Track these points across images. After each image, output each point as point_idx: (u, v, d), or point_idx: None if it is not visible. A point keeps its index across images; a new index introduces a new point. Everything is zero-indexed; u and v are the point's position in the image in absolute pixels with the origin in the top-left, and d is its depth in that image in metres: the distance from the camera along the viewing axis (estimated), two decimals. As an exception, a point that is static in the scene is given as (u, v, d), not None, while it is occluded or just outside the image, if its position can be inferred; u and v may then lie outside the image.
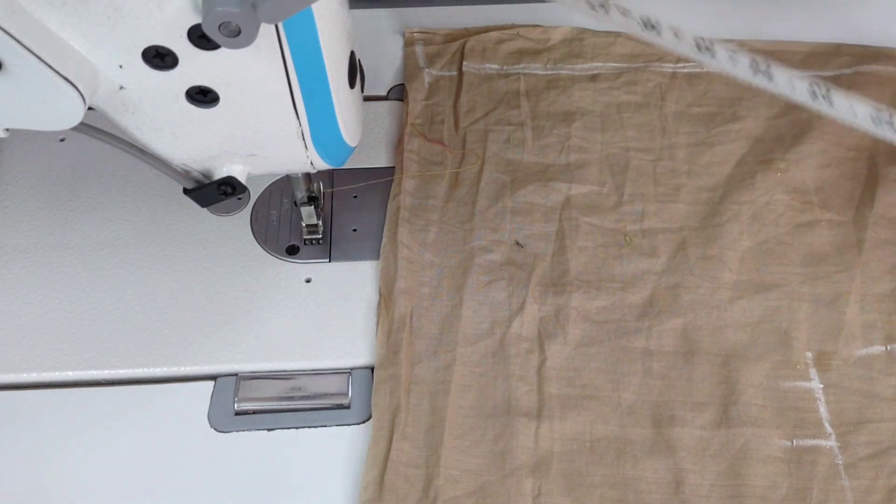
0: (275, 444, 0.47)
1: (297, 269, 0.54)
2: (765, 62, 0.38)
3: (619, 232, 0.55)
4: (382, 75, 0.64)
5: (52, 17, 0.33)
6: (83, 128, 0.37)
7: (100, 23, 0.34)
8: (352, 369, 0.49)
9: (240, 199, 0.44)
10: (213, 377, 0.49)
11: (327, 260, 0.54)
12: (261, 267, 0.54)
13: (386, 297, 0.51)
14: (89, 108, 0.35)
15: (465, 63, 0.63)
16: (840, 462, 0.45)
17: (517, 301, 0.51)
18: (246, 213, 0.56)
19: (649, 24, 0.39)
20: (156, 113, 0.38)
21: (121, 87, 0.37)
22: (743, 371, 0.48)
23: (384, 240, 0.54)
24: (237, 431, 0.47)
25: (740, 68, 0.38)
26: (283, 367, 0.49)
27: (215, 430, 0.47)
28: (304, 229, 0.55)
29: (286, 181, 0.57)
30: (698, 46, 0.38)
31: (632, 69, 0.63)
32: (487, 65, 0.64)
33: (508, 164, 0.58)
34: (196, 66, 0.36)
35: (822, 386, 0.48)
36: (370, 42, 0.64)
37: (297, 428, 0.47)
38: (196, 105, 0.38)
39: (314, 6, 0.35)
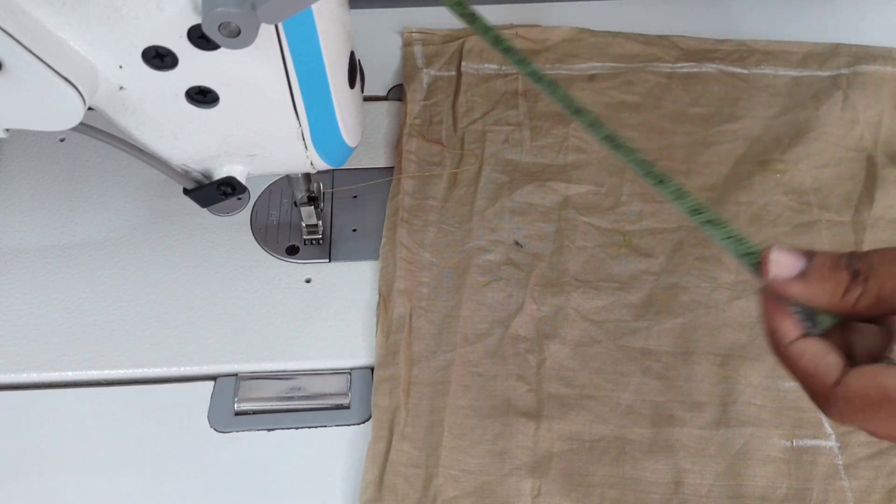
0: (275, 444, 0.47)
1: (297, 269, 0.54)
2: None
3: (617, 232, 0.55)
4: (382, 75, 0.64)
5: (52, 17, 0.33)
6: (83, 128, 0.37)
7: (99, 23, 0.34)
8: (352, 369, 0.49)
9: (240, 199, 0.44)
10: (213, 377, 0.49)
11: (327, 260, 0.54)
12: (261, 267, 0.54)
13: (385, 298, 0.51)
14: (89, 108, 0.35)
15: (463, 63, 0.63)
16: (840, 462, 0.45)
17: (516, 301, 0.51)
18: (246, 213, 0.56)
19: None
20: (156, 113, 0.38)
21: (121, 88, 0.37)
22: (742, 371, 0.48)
23: (383, 240, 0.54)
24: (237, 431, 0.47)
25: None
26: (283, 367, 0.49)
27: (215, 430, 0.47)
28: (304, 229, 0.55)
29: (286, 181, 0.57)
30: None
31: (630, 69, 0.63)
32: (486, 65, 0.64)
33: (507, 165, 0.58)
34: (196, 67, 0.36)
35: (821, 386, 0.48)
36: (370, 42, 0.64)
37: (297, 428, 0.47)
38: (196, 105, 0.38)
39: (314, 6, 0.35)
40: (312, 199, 0.53)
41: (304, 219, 0.54)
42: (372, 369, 0.49)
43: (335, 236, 0.55)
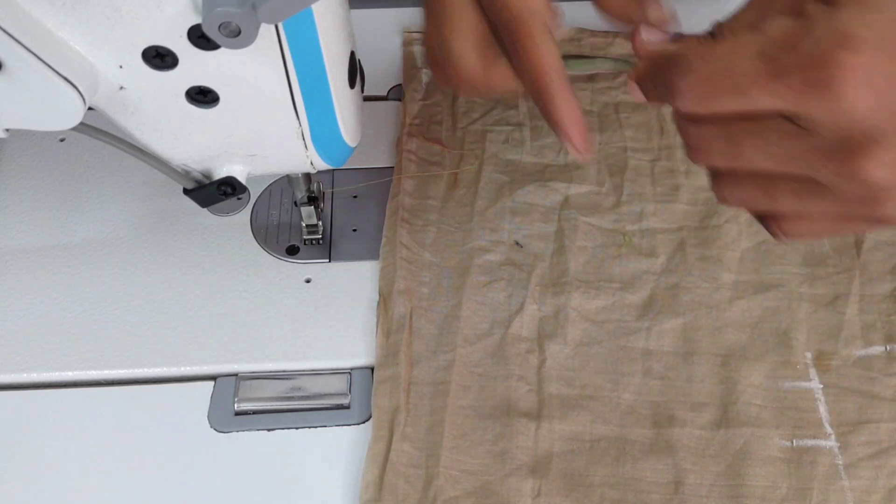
0: (275, 444, 0.47)
1: (297, 269, 0.54)
2: None
3: (617, 232, 0.55)
4: (382, 75, 0.64)
5: (52, 17, 0.33)
6: (83, 128, 0.37)
7: (99, 23, 0.34)
8: (352, 369, 0.49)
9: (240, 199, 0.44)
10: (213, 377, 0.49)
11: (327, 260, 0.54)
12: (261, 267, 0.54)
13: (385, 298, 0.51)
14: (89, 108, 0.35)
15: (464, 63, 0.63)
16: (840, 462, 0.45)
17: (517, 301, 0.51)
18: (246, 213, 0.56)
19: None
20: (156, 113, 0.38)
21: (121, 88, 0.37)
22: (742, 371, 0.48)
23: (383, 240, 0.54)
24: (237, 431, 0.47)
25: None
26: (283, 367, 0.49)
27: (215, 430, 0.47)
28: (304, 229, 0.55)
29: (286, 181, 0.57)
30: None
31: (630, 69, 0.63)
32: (487, 65, 0.64)
33: (507, 165, 0.58)
34: (196, 67, 0.36)
35: (821, 386, 0.48)
36: (370, 42, 0.64)
37: (297, 428, 0.47)
38: (196, 105, 0.38)
39: (314, 6, 0.35)
40: (312, 199, 0.53)
41: (304, 219, 0.54)
42: (372, 369, 0.49)
43: (335, 236, 0.55)
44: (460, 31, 0.39)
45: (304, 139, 0.41)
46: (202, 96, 0.37)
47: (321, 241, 0.55)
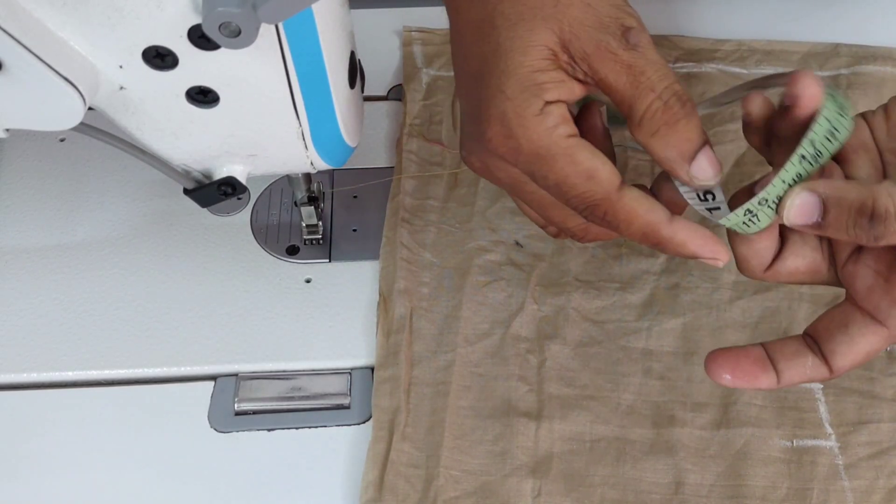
0: (275, 444, 0.47)
1: (297, 269, 0.54)
2: None
3: (618, 232, 0.55)
4: (382, 75, 0.64)
5: (52, 17, 0.33)
6: (83, 128, 0.37)
7: (100, 23, 0.34)
8: (352, 369, 0.49)
9: (240, 199, 0.44)
10: (213, 377, 0.49)
11: (327, 260, 0.54)
12: (261, 267, 0.54)
13: (386, 298, 0.51)
14: (89, 108, 0.35)
15: (464, 63, 0.63)
16: (840, 462, 0.45)
17: (517, 301, 0.51)
18: (246, 213, 0.56)
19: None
20: (156, 113, 0.38)
21: (121, 88, 0.37)
22: (742, 371, 0.48)
23: (383, 240, 0.54)
24: (237, 431, 0.47)
25: None
26: (283, 367, 0.49)
27: (215, 430, 0.47)
28: (304, 229, 0.55)
29: (286, 181, 0.57)
30: None
31: None
32: (487, 65, 0.64)
33: (508, 165, 0.58)
34: (196, 67, 0.36)
35: (821, 386, 0.48)
36: (370, 42, 0.64)
37: (297, 428, 0.47)
38: (196, 105, 0.38)
39: (314, 6, 0.35)
40: (312, 199, 0.53)
41: (304, 219, 0.54)
42: (372, 369, 0.49)
43: (335, 236, 0.55)
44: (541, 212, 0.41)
45: (304, 139, 0.41)
46: (202, 96, 0.37)
47: (321, 241, 0.55)
